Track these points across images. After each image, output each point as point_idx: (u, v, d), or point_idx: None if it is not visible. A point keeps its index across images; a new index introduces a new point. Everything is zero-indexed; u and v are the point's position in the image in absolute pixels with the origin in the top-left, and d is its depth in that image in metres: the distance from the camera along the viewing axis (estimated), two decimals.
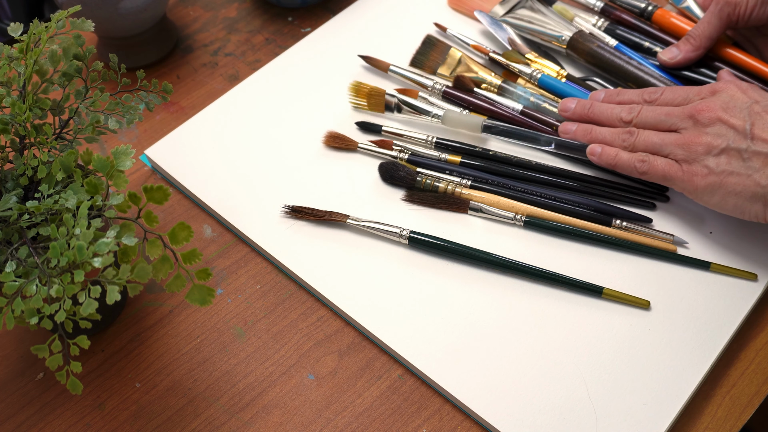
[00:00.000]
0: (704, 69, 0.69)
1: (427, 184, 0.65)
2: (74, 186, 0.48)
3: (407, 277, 0.61)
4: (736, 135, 0.57)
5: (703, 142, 0.58)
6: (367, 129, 0.70)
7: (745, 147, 0.56)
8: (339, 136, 0.69)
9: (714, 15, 0.66)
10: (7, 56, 0.54)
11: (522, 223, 0.63)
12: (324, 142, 0.69)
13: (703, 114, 0.58)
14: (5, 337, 0.60)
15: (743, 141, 0.56)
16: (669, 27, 0.72)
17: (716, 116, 0.58)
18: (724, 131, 0.57)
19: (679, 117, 0.60)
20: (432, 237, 0.62)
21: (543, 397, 0.55)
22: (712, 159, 0.57)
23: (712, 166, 0.57)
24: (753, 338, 0.60)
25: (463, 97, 0.70)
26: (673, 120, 0.60)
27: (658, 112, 0.62)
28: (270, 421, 0.56)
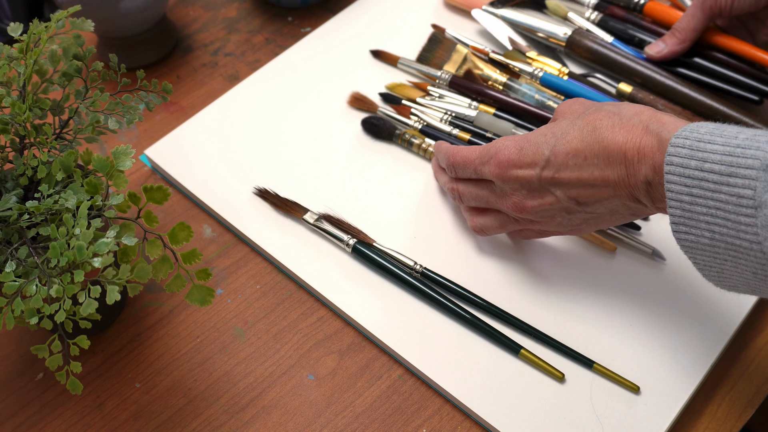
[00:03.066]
0: (697, 59, 0.70)
1: (404, 140, 0.68)
2: (74, 186, 0.48)
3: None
4: (566, 208, 0.53)
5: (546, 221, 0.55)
6: (389, 100, 0.72)
7: (581, 210, 0.53)
8: (362, 98, 0.71)
9: (697, 8, 0.67)
10: (7, 56, 0.54)
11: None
12: (348, 103, 0.72)
13: (523, 215, 0.55)
14: (5, 337, 0.60)
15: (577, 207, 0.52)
16: (661, 18, 0.73)
17: (532, 209, 0.54)
18: (551, 211, 0.54)
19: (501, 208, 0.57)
20: (374, 253, 0.61)
21: (543, 397, 0.55)
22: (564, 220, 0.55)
23: (568, 223, 0.55)
24: (753, 338, 0.60)
25: (471, 87, 0.70)
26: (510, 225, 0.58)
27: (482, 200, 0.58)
28: (270, 421, 0.56)
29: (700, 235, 0.45)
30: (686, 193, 0.45)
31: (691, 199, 0.44)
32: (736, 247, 0.43)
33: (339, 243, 0.62)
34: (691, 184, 0.44)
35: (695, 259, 0.47)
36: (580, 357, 0.56)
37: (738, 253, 0.44)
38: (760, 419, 0.60)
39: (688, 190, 0.44)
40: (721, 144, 0.44)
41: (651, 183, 0.47)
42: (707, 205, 0.44)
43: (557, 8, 0.76)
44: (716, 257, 0.45)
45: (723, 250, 0.44)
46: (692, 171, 0.44)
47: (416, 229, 0.64)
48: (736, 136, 0.44)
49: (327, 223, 0.63)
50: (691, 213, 0.45)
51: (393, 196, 0.66)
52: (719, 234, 0.44)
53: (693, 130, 0.45)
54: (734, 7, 0.66)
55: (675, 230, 0.46)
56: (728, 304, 0.59)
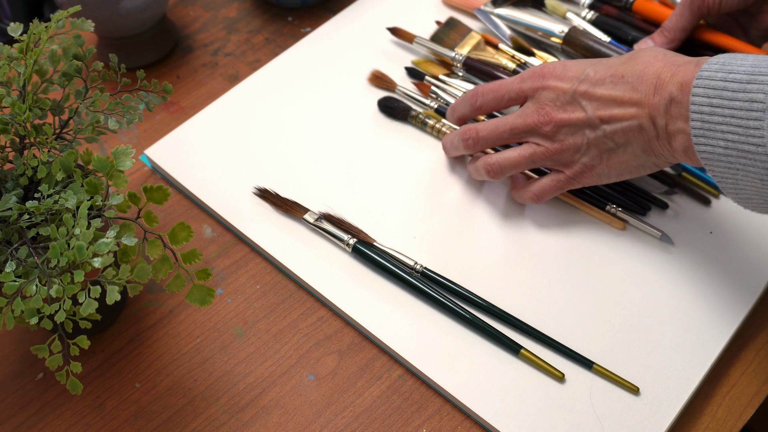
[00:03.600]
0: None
1: (418, 120, 0.69)
2: (74, 186, 0.48)
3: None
4: (589, 127, 0.56)
5: (566, 148, 0.57)
6: (413, 75, 0.73)
7: (602, 133, 0.56)
8: (381, 76, 0.73)
9: (685, 7, 0.68)
10: (7, 56, 0.54)
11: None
12: (368, 80, 0.73)
13: (545, 127, 0.58)
14: (5, 337, 0.60)
15: (598, 129, 0.56)
16: (650, 15, 0.74)
17: (558, 122, 0.57)
18: (575, 129, 0.57)
19: (523, 131, 0.59)
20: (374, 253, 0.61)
21: (543, 397, 0.55)
22: (584, 156, 0.58)
23: (588, 161, 0.58)
24: (753, 338, 0.60)
25: (484, 68, 0.71)
26: (519, 135, 0.59)
27: (500, 130, 0.60)
28: (270, 421, 0.56)
29: (716, 145, 0.49)
30: (707, 104, 0.49)
31: (711, 109, 0.49)
32: (745, 153, 0.48)
33: (339, 243, 0.62)
34: (713, 95, 0.49)
35: (713, 171, 0.50)
36: (580, 357, 0.56)
37: (747, 159, 0.48)
38: (760, 419, 0.60)
39: (709, 101, 0.49)
40: (751, 60, 0.48)
41: (673, 100, 0.51)
42: (723, 114, 0.48)
43: (556, 8, 0.76)
44: (730, 167, 0.49)
45: (735, 158, 0.48)
46: (716, 82, 0.49)
47: (416, 229, 0.64)
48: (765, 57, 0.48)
49: (327, 222, 0.63)
50: (710, 124, 0.49)
51: (393, 195, 0.66)
52: (732, 142, 0.48)
53: (733, 55, 0.49)
54: (722, 5, 0.66)
55: (695, 142, 0.50)
56: (728, 305, 0.59)
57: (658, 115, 0.52)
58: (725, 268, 0.61)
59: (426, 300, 0.60)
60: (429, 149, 0.69)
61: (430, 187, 0.67)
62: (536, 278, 0.61)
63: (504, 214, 0.65)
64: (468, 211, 0.65)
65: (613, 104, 0.55)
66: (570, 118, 0.57)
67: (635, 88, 0.54)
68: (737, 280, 0.60)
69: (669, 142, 0.53)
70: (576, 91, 0.56)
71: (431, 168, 0.68)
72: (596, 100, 0.56)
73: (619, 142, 0.56)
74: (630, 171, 0.57)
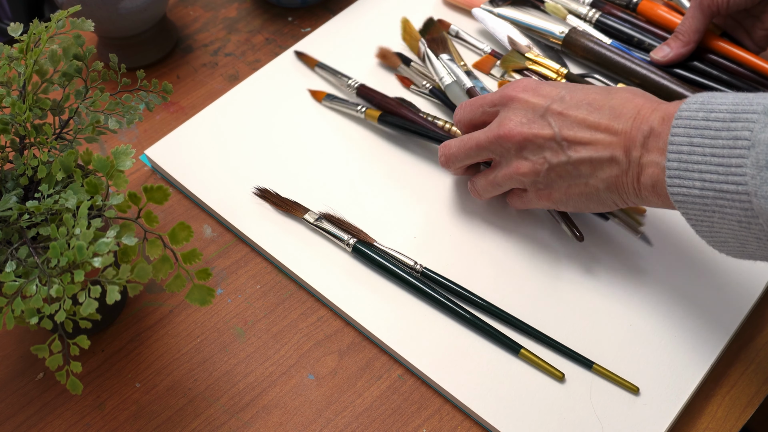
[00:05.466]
0: (697, 62, 0.71)
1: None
2: (74, 186, 0.48)
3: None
4: (551, 151, 0.54)
5: (525, 170, 0.56)
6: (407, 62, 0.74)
7: (566, 159, 0.54)
8: (387, 54, 0.74)
9: (696, 8, 0.68)
10: (7, 56, 0.54)
11: None
12: (376, 55, 0.74)
13: (509, 141, 0.56)
14: (5, 337, 0.60)
15: (562, 153, 0.54)
16: (655, 17, 0.74)
17: (522, 137, 0.55)
18: (537, 150, 0.55)
19: (486, 146, 0.58)
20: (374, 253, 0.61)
21: (543, 397, 0.55)
22: (543, 179, 0.56)
23: (544, 187, 0.56)
24: (753, 338, 0.60)
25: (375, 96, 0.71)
26: (484, 152, 0.58)
27: (467, 146, 0.59)
28: (270, 421, 0.56)
29: (691, 186, 0.47)
30: (686, 143, 0.47)
31: (690, 149, 0.47)
32: (723, 193, 0.46)
33: (339, 243, 0.62)
34: (694, 134, 0.47)
35: (687, 214, 0.49)
36: (580, 357, 0.56)
37: (725, 200, 0.46)
38: (760, 419, 0.60)
39: (689, 140, 0.47)
40: (731, 98, 0.47)
41: (653, 132, 0.50)
42: (704, 153, 0.46)
43: (556, 10, 0.76)
44: (705, 209, 0.47)
45: (711, 199, 0.46)
46: (698, 122, 0.47)
47: (416, 229, 0.64)
48: (747, 95, 0.46)
49: (327, 222, 0.63)
50: (687, 164, 0.47)
51: (393, 195, 0.66)
52: (709, 182, 0.46)
53: (711, 94, 0.48)
54: (730, 5, 0.67)
55: (669, 184, 0.48)
56: (728, 304, 0.59)
57: (633, 147, 0.50)
58: (725, 268, 0.61)
59: (426, 300, 0.60)
60: (429, 149, 0.69)
61: (431, 187, 0.67)
62: (536, 278, 0.61)
63: (504, 214, 0.65)
64: (468, 212, 0.65)
65: (585, 128, 0.53)
66: (536, 134, 0.54)
67: (613, 117, 0.52)
68: (737, 280, 0.60)
69: (638, 176, 0.51)
70: (548, 108, 0.54)
71: (432, 168, 0.68)
72: (568, 121, 0.53)
73: (583, 171, 0.53)
74: (588, 204, 0.56)
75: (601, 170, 0.53)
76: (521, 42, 0.74)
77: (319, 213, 0.64)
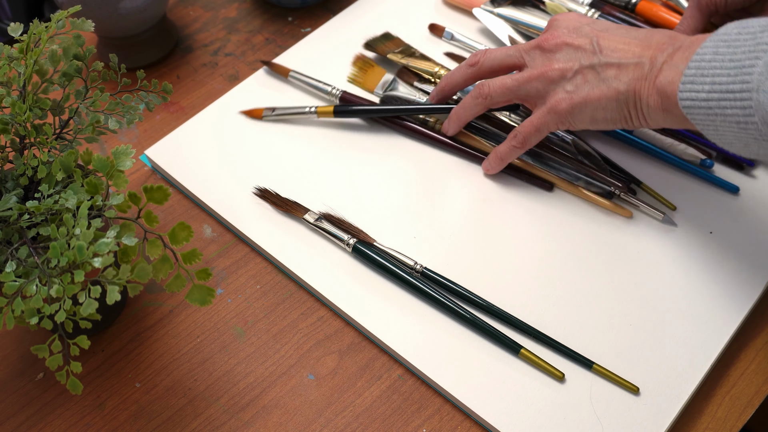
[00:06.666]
0: None
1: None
2: (74, 186, 0.48)
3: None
4: (585, 54, 0.58)
5: (555, 68, 0.59)
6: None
7: (597, 61, 0.58)
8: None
9: (694, 8, 0.68)
10: (7, 56, 0.54)
11: None
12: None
13: (548, 42, 0.60)
14: (5, 337, 0.60)
15: (593, 56, 0.58)
16: (654, 18, 0.74)
17: (562, 41, 0.59)
18: (572, 53, 0.59)
19: (524, 50, 0.62)
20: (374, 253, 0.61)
21: (543, 397, 0.55)
22: (569, 83, 0.59)
23: (570, 89, 0.59)
24: (753, 338, 0.60)
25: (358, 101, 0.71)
26: (519, 54, 0.62)
27: (502, 50, 0.63)
28: (270, 421, 0.56)
29: (700, 90, 0.50)
30: (711, 52, 0.50)
31: (713, 56, 0.50)
32: (728, 93, 0.48)
33: (339, 243, 0.62)
34: (721, 45, 0.50)
35: (693, 118, 0.51)
36: (580, 357, 0.56)
37: (727, 101, 0.48)
38: (760, 419, 0.60)
39: (715, 50, 0.50)
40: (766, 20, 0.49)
41: (682, 46, 0.53)
42: (723, 59, 0.49)
43: (556, 9, 0.76)
44: (709, 112, 0.50)
45: (715, 102, 0.49)
46: (728, 36, 0.50)
47: (416, 229, 0.64)
48: None
49: (327, 222, 0.63)
50: (703, 69, 0.50)
51: (394, 195, 0.66)
52: (718, 84, 0.49)
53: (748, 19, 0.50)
54: (728, 3, 0.67)
55: (681, 89, 0.51)
56: (728, 304, 0.59)
57: (660, 55, 0.54)
58: (725, 268, 0.61)
59: (426, 300, 0.60)
60: (430, 148, 0.69)
61: (431, 187, 0.67)
62: (536, 278, 0.61)
63: (504, 214, 0.65)
64: (468, 211, 0.65)
65: (621, 42, 0.57)
66: (573, 41, 0.59)
67: (646, 38, 0.56)
68: (737, 280, 0.60)
69: (655, 79, 0.54)
70: (589, 27, 0.59)
71: (432, 168, 0.68)
72: (604, 38, 0.58)
73: (609, 75, 0.57)
74: (604, 112, 0.58)
75: (626, 73, 0.56)
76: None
77: (319, 213, 0.64)
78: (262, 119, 0.71)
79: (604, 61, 0.57)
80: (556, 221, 0.64)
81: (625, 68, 0.56)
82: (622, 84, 0.56)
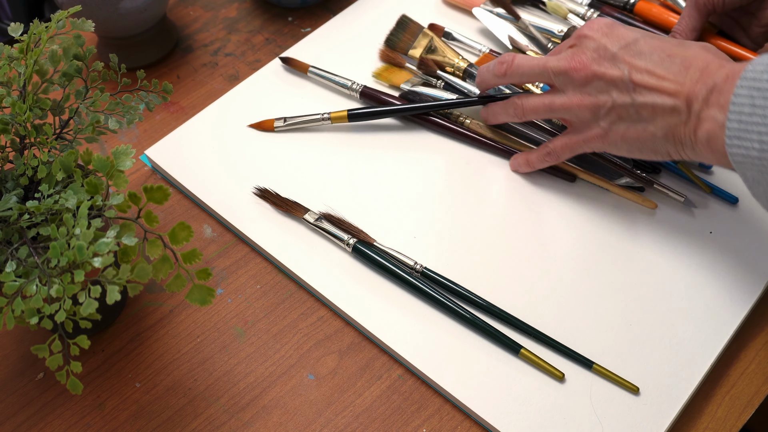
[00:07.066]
0: None
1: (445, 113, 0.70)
2: (74, 186, 0.48)
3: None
4: (618, 89, 0.55)
5: (587, 104, 0.57)
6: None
7: (631, 101, 0.55)
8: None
9: (692, 7, 0.68)
10: (8, 56, 0.54)
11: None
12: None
13: (578, 73, 0.57)
14: (5, 337, 0.60)
15: (627, 95, 0.55)
16: (652, 17, 0.74)
17: (591, 73, 0.56)
18: (604, 87, 0.56)
19: (553, 71, 0.59)
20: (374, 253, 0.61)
21: (543, 397, 0.55)
22: (603, 120, 0.57)
23: (605, 126, 0.57)
24: (753, 338, 0.60)
25: (381, 97, 0.71)
26: (548, 75, 0.59)
27: (534, 64, 0.60)
28: (270, 421, 0.56)
29: (750, 147, 0.47)
30: (748, 103, 0.47)
31: (752, 110, 0.47)
32: None
33: (339, 243, 0.62)
34: (756, 95, 0.47)
35: (744, 175, 0.49)
36: (580, 357, 0.56)
37: None
38: (760, 419, 0.60)
39: (751, 101, 0.47)
40: None
41: (715, 88, 0.50)
42: (765, 114, 0.46)
43: (557, 8, 0.76)
44: (763, 170, 0.47)
45: None
46: (762, 83, 0.47)
47: (416, 229, 0.64)
48: None
49: (327, 222, 0.63)
50: (747, 124, 0.47)
51: (394, 195, 0.66)
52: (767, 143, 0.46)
53: None
54: (726, 3, 0.67)
55: (728, 143, 0.49)
56: (728, 304, 0.59)
57: (695, 100, 0.52)
58: (725, 268, 0.61)
59: (426, 300, 0.60)
60: (430, 148, 0.69)
61: (431, 187, 0.67)
62: (536, 278, 0.61)
63: (504, 214, 0.65)
64: (468, 211, 0.65)
65: (653, 77, 0.54)
66: (604, 73, 0.56)
67: (683, 69, 0.53)
68: (737, 280, 0.60)
69: (695, 129, 0.52)
70: (618, 53, 0.56)
71: (432, 167, 0.68)
72: (637, 65, 0.55)
73: (644, 115, 0.55)
74: (641, 150, 0.57)
75: (662, 118, 0.54)
76: (521, 41, 0.75)
77: (319, 213, 0.64)
78: (274, 131, 0.70)
79: (639, 101, 0.55)
80: (555, 223, 0.64)
81: (660, 111, 0.54)
82: (659, 129, 0.54)
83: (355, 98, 0.72)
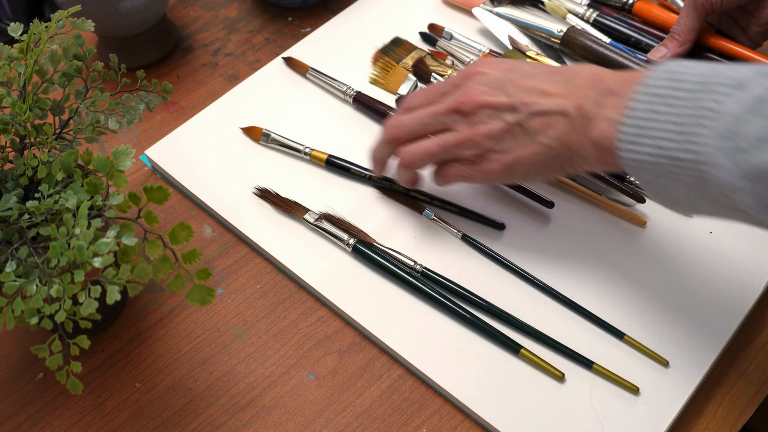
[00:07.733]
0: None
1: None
2: (74, 186, 0.48)
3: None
4: (507, 111, 0.54)
5: (482, 133, 0.55)
6: (427, 40, 0.77)
7: (521, 117, 0.54)
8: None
9: (690, 7, 0.68)
10: (8, 56, 0.54)
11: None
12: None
13: (465, 105, 0.56)
14: (5, 337, 0.60)
15: (516, 112, 0.54)
16: (651, 18, 0.74)
17: (478, 103, 0.55)
18: (494, 113, 0.55)
19: (444, 114, 0.57)
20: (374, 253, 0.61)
21: (543, 397, 0.55)
22: (497, 144, 0.55)
23: (500, 149, 0.56)
24: (753, 338, 0.60)
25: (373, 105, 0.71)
26: (439, 120, 0.57)
27: (421, 116, 0.58)
28: (270, 421, 0.56)
29: (643, 152, 0.47)
30: (647, 109, 0.46)
31: (652, 115, 0.46)
32: (677, 161, 0.45)
33: (339, 243, 0.62)
34: (657, 101, 0.46)
35: (639, 177, 0.48)
36: (579, 357, 0.56)
37: (678, 168, 0.45)
38: (760, 419, 0.60)
39: (651, 107, 0.46)
40: (700, 68, 0.46)
41: (612, 92, 0.49)
42: (664, 120, 0.45)
43: (556, 8, 0.76)
44: (658, 175, 0.47)
45: (664, 166, 0.46)
46: (662, 89, 0.46)
47: (416, 229, 0.64)
48: (716, 66, 0.45)
49: (327, 222, 0.63)
50: (643, 129, 0.46)
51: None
52: (664, 149, 0.45)
53: (679, 62, 0.47)
54: (724, 2, 0.67)
55: (623, 148, 0.47)
56: (727, 305, 0.59)
57: (586, 103, 0.51)
58: (725, 268, 0.61)
59: (426, 300, 0.60)
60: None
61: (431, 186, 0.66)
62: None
63: (504, 214, 0.65)
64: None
65: (541, 94, 0.53)
66: (493, 102, 0.55)
67: (569, 81, 0.53)
68: (737, 280, 0.60)
69: (588, 131, 0.50)
70: (506, 78, 0.55)
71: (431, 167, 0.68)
72: (524, 89, 0.54)
73: (536, 128, 0.53)
74: (535, 169, 0.55)
75: (553, 127, 0.53)
76: (521, 41, 0.75)
77: (319, 213, 0.64)
78: (258, 142, 0.69)
79: (527, 112, 0.53)
80: (557, 222, 0.64)
81: (548, 117, 0.53)
82: (552, 140, 0.53)
83: (349, 104, 0.72)
